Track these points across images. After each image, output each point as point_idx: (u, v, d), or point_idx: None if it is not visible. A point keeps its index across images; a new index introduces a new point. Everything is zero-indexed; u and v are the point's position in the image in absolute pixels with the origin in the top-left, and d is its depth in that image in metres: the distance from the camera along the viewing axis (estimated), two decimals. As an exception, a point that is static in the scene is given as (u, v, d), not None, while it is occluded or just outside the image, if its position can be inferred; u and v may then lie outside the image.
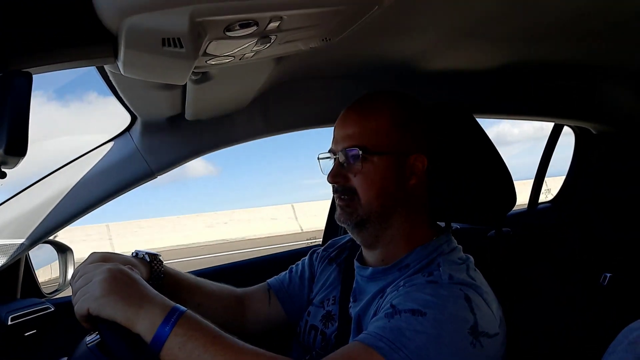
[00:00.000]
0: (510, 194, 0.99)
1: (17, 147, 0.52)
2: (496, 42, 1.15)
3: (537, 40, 1.14)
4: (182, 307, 0.72)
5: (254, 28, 0.62)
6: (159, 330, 0.68)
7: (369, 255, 0.96)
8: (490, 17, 0.96)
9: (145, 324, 0.68)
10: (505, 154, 1.99)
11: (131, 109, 1.12)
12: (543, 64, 1.37)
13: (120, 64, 0.65)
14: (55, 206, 1.18)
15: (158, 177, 1.26)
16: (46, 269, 1.45)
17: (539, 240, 1.61)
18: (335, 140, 0.92)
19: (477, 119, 1.05)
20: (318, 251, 1.13)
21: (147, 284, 0.76)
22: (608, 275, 1.40)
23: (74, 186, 1.19)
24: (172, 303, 0.73)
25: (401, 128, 0.88)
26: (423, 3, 0.84)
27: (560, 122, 1.91)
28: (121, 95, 1.01)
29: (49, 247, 1.42)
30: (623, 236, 1.75)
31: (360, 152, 0.86)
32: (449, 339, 0.70)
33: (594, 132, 1.91)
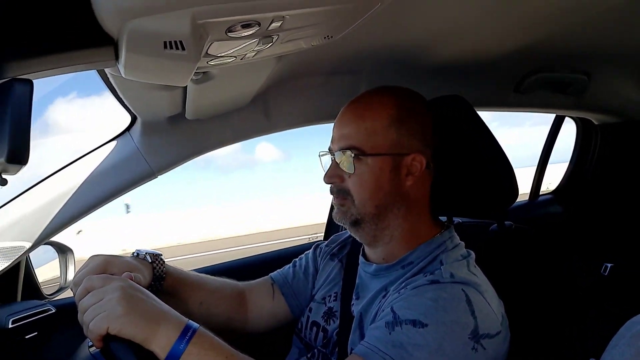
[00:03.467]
0: (512, 187, 0.98)
1: (19, 156, 0.51)
2: (496, 34, 1.14)
3: (535, 30, 1.13)
4: (195, 324, 0.72)
5: (256, 28, 0.61)
6: (174, 347, 0.68)
7: (371, 252, 0.95)
8: (489, 8, 0.96)
9: (161, 342, 0.68)
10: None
11: (131, 109, 1.11)
12: (543, 55, 1.36)
13: (121, 67, 0.64)
14: (56, 208, 1.17)
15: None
16: (44, 268, 1.44)
17: (541, 233, 1.61)
18: (332, 139, 0.91)
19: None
20: (321, 246, 1.12)
21: (158, 300, 0.75)
22: (609, 265, 1.40)
23: (75, 187, 1.18)
24: (185, 319, 0.72)
25: (398, 128, 0.85)
26: None
27: (561, 113, 1.91)
28: (121, 95, 1.00)
29: (48, 248, 1.41)
30: (624, 226, 1.75)
31: (354, 154, 0.84)
32: (450, 350, 0.70)
33: (595, 122, 1.91)
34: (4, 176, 0.57)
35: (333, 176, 0.89)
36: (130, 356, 0.67)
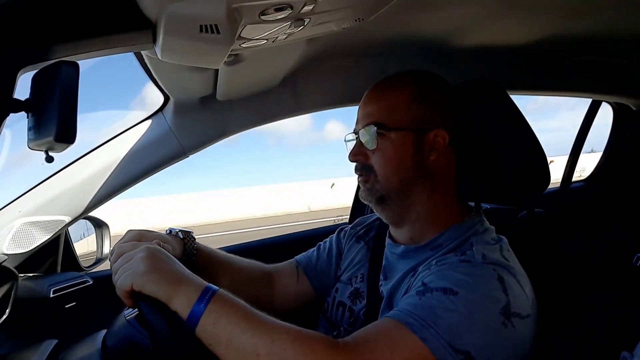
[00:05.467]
0: (545, 174, 0.96)
1: (66, 135, 0.54)
2: (530, 16, 1.10)
3: (572, 12, 1.09)
4: (215, 287, 0.74)
5: (289, 11, 0.62)
6: (194, 307, 0.70)
7: (397, 233, 0.95)
8: None
9: (182, 302, 0.71)
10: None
11: (164, 90, 1.14)
12: (579, 38, 1.31)
13: (158, 50, 0.66)
14: (94, 184, 1.22)
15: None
16: (82, 243, 1.51)
17: (572, 221, 1.58)
18: (357, 120, 0.93)
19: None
20: (346, 229, 1.14)
21: (181, 264, 0.78)
22: (642, 255, 1.36)
23: (111, 165, 1.22)
24: (206, 283, 0.75)
25: (420, 104, 0.87)
26: None
27: (598, 98, 1.84)
28: (155, 77, 1.02)
29: (86, 222, 1.48)
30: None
31: (376, 129, 0.86)
32: (480, 319, 0.70)
33: (633, 108, 1.83)
34: (50, 154, 0.60)
35: (357, 154, 0.90)
36: (159, 317, 0.69)
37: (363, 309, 0.94)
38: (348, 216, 1.79)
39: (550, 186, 0.98)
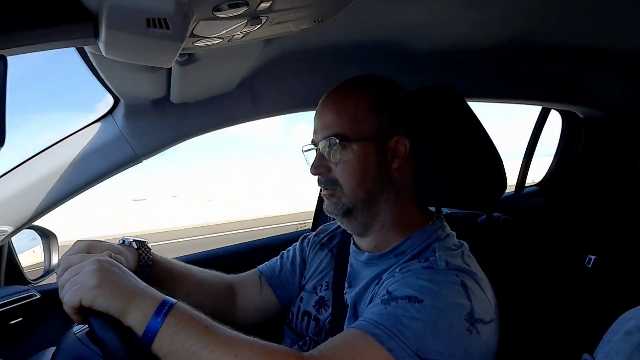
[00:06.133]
0: (501, 179, 0.98)
1: None
2: (484, 22, 1.13)
3: (528, 19, 1.13)
4: (173, 300, 0.70)
5: (245, 8, 0.59)
6: (150, 322, 0.66)
7: (361, 241, 0.94)
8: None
9: (137, 316, 0.67)
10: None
11: (114, 91, 1.08)
12: (530, 46, 1.36)
13: (101, 45, 0.61)
14: (39, 191, 1.15)
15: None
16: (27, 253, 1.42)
17: (527, 225, 1.63)
18: (314, 131, 0.90)
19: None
20: (309, 237, 1.12)
21: (136, 277, 0.73)
22: (592, 257, 1.42)
23: (58, 171, 1.15)
24: (163, 295, 0.71)
25: (379, 111, 0.86)
26: None
27: (547, 105, 1.91)
28: (102, 77, 0.97)
29: (31, 232, 1.39)
30: (607, 219, 1.77)
31: (338, 141, 0.84)
32: (445, 326, 0.70)
33: (580, 115, 1.92)
34: (-23, 157, 0.54)
35: (319, 167, 0.88)
36: (111, 334, 0.65)
37: (328, 318, 0.93)
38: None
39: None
